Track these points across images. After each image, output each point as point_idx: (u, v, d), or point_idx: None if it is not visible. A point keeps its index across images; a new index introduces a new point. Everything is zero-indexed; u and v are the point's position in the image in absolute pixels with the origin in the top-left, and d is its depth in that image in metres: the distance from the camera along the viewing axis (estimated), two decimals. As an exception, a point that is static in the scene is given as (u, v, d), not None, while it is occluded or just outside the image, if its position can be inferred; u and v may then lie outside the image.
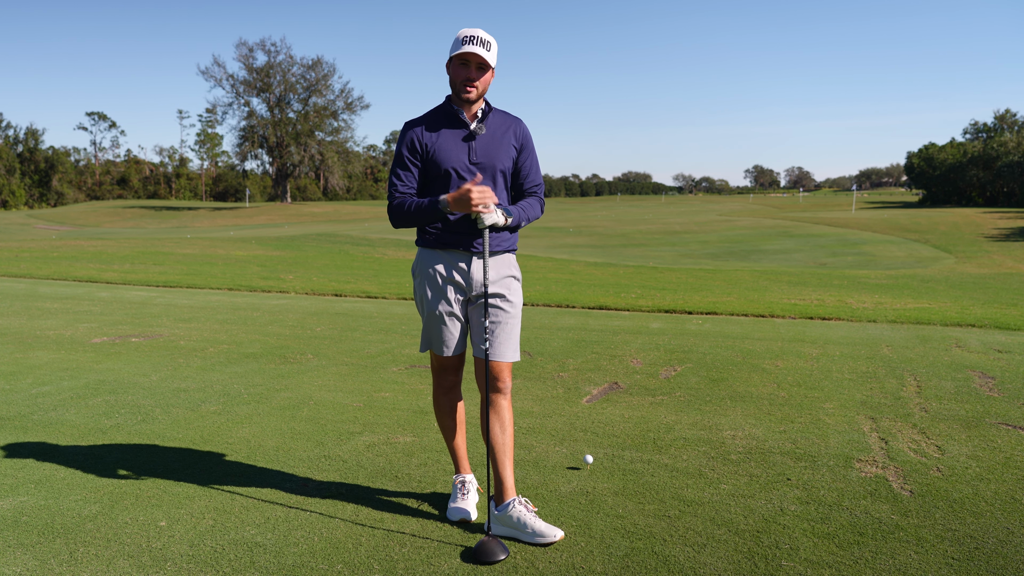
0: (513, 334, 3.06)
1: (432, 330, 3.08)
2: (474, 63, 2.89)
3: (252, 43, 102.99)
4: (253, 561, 2.75)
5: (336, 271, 19.52)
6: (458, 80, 2.92)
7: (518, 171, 3.11)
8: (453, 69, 2.94)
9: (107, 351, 6.73)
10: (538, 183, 3.17)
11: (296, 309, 9.68)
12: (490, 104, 3.05)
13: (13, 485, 3.48)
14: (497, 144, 3.01)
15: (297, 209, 77.95)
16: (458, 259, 3.02)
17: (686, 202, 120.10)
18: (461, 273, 3.02)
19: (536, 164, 3.16)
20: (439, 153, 2.96)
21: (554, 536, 2.88)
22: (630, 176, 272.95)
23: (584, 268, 24.36)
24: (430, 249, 3.06)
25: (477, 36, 2.88)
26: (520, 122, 3.11)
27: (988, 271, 26.43)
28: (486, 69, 2.92)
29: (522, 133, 3.09)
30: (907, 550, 2.81)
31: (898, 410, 4.71)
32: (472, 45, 2.86)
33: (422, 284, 3.08)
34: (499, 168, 3.02)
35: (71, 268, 16.73)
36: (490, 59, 2.90)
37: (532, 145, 3.14)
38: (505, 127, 3.05)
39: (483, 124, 3.00)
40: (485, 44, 2.88)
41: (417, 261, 3.12)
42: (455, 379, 3.23)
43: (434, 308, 3.04)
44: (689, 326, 8.17)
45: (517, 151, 3.07)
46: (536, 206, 3.13)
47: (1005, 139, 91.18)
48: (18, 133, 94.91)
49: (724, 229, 50.60)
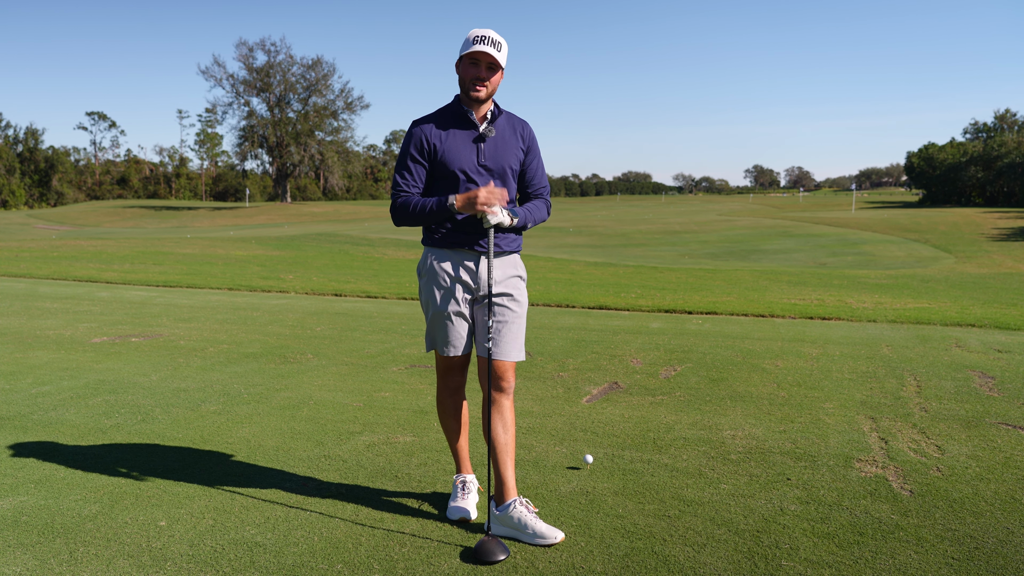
0: (518, 334, 3.06)
1: (437, 330, 3.07)
2: (484, 63, 2.89)
3: (252, 43, 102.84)
4: (253, 561, 2.75)
5: (336, 271, 19.52)
6: (468, 79, 2.91)
7: (524, 173, 3.12)
8: (463, 68, 2.93)
9: (107, 351, 6.73)
10: (544, 185, 3.18)
11: (296, 309, 9.68)
12: (499, 106, 3.05)
13: (13, 485, 3.48)
14: (505, 146, 3.02)
15: (297, 209, 77.97)
16: (465, 258, 3.01)
17: (686, 202, 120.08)
18: (468, 273, 3.01)
19: (542, 167, 3.18)
20: (448, 154, 2.95)
21: (555, 538, 2.88)
22: (630, 176, 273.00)
23: (584, 268, 24.36)
24: (437, 248, 3.04)
25: (488, 36, 2.87)
26: (527, 125, 3.12)
27: (988, 271, 26.43)
28: (496, 69, 2.91)
29: (528, 136, 3.10)
30: (907, 550, 2.81)
31: (898, 410, 4.71)
32: (483, 45, 2.85)
33: (428, 284, 3.07)
34: (507, 169, 3.02)
35: (71, 268, 16.73)
36: (500, 59, 2.89)
37: (538, 148, 3.15)
38: (513, 129, 3.06)
39: (492, 126, 3.00)
40: (496, 45, 2.88)
41: (423, 261, 3.10)
42: (460, 380, 3.21)
43: (440, 308, 3.03)
44: (689, 326, 8.17)
45: (524, 153, 3.08)
46: (542, 208, 3.14)
47: (1005, 139, 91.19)
48: (18, 133, 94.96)
49: (724, 229, 50.61)
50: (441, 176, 2.98)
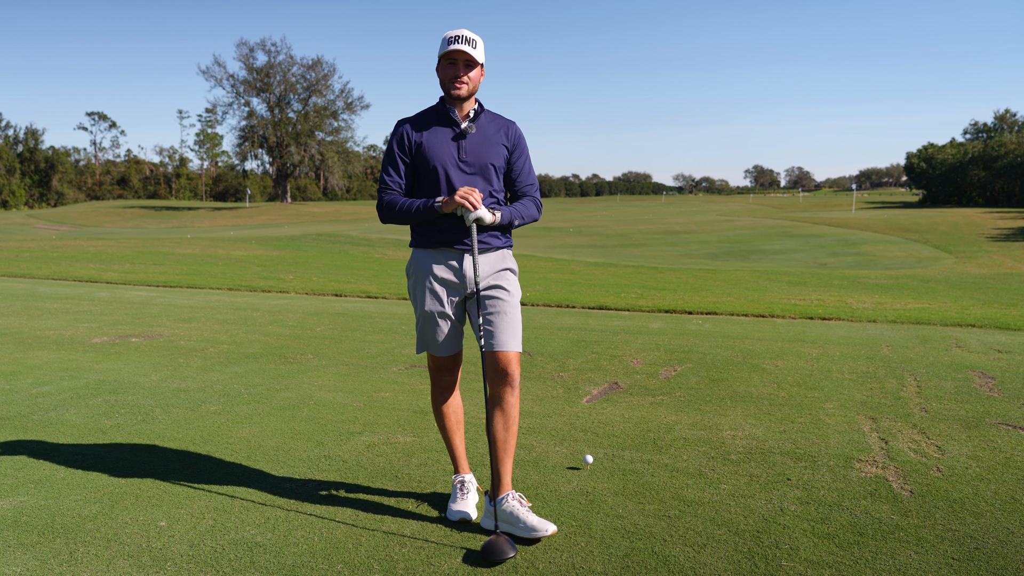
0: (513, 323, 3.06)
1: (426, 330, 3.12)
2: (461, 60, 2.96)
3: (252, 43, 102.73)
4: (253, 561, 2.75)
5: (336, 271, 19.52)
6: (447, 78, 2.99)
7: (510, 171, 3.15)
8: (442, 69, 3.01)
9: (107, 351, 6.73)
10: (531, 183, 3.20)
11: (296, 309, 9.68)
12: (482, 106, 3.12)
13: (13, 485, 3.48)
14: (487, 143, 3.06)
15: (297, 209, 77.97)
16: (449, 257, 3.05)
17: (686, 202, 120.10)
18: (454, 271, 3.05)
19: (529, 165, 3.20)
20: (428, 149, 3.02)
21: (546, 530, 2.88)
22: (630, 176, 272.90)
23: (584, 268, 24.35)
24: (422, 249, 3.10)
25: (462, 35, 2.95)
26: (513, 124, 3.16)
27: (988, 271, 26.43)
28: (474, 66, 2.99)
29: (514, 134, 3.14)
30: (907, 550, 2.81)
31: (898, 410, 4.71)
32: (457, 44, 2.93)
33: (415, 285, 3.12)
34: (489, 165, 3.05)
35: (71, 268, 16.73)
36: (477, 56, 2.96)
37: (525, 146, 3.18)
38: (496, 128, 3.11)
39: (474, 124, 3.06)
40: (471, 42, 2.95)
41: (411, 262, 3.16)
42: (451, 379, 3.25)
43: (427, 307, 3.08)
44: (689, 326, 8.17)
45: (509, 151, 3.12)
46: (531, 206, 3.16)
47: (1005, 139, 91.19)
48: (18, 133, 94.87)
49: (724, 229, 50.60)
50: (423, 172, 3.05)
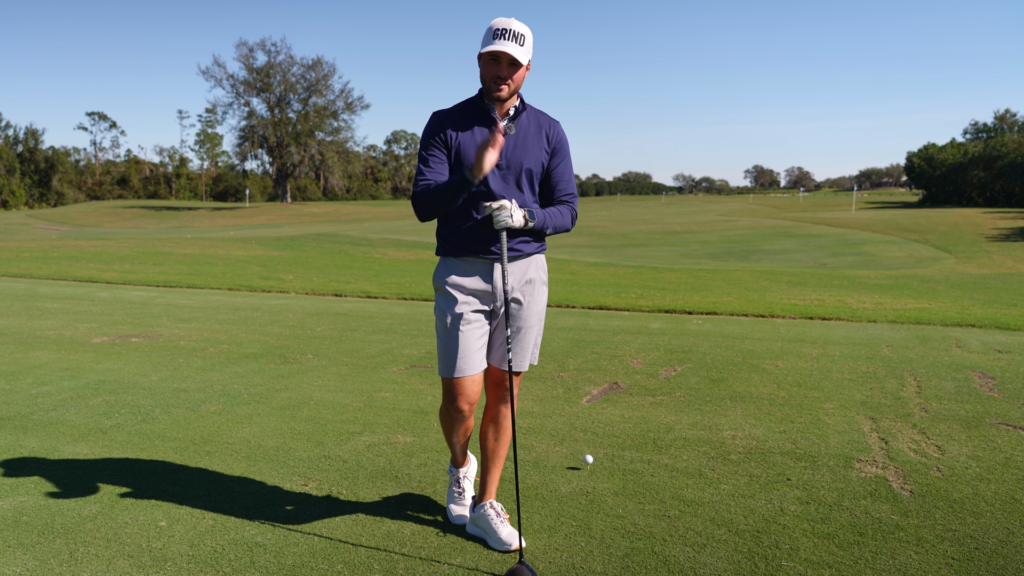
0: (530, 343, 2.94)
1: (450, 342, 2.84)
2: (505, 60, 2.69)
3: (252, 43, 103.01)
4: (253, 561, 2.75)
5: (336, 271, 19.52)
6: (488, 77, 2.73)
7: (549, 176, 2.91)
8: (483, 65, 2.73)
9: (107, 351, 6.73)
10: (571, 192, 2.95)
11: (296, 309, 9.68)
12: (524, 102, 2.86)
13: (13, 485, 3.48)
14: (526, 145, 2.82)
15: (297, 209, 77.98)
16: (478, 267, 2.84)
17: (686, 202, 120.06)
18: (482, 282, 2.84)
19: (570, 171, 2.95)
20: (465, 149, 2.78)
21: (512, 545, 2.81)
22: (630, 176, 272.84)
23: (584, 268, 24.35)
24: (449, 258, 2.88)
25: (509, 29, 2.67)
26: (556, 124, 2.92)
27: (988, 271, 26.43)
28: (518, 66, 2.71)
29: (556, 136, 2.90)
30: (907, 550, 2.81)
31: (898, 410, 4.71)
32: (503, 41, 2.65)
33: (443, 297, 2.89)
34: (525, 169, 2.82)
35: (71, 268, 16.73)
36: (522, 57, 2.68)
37: (567, 150, 2.94)
38: (538, 128, 2.87)
39: (513, 123, 2.81)
40: (518, 38, 2.67)
41: (437, 272, 2.92)
42: (471, 407, 2.93)
43: (454, 320, 2.83)
44: (689, 326, 8.17)
45: (549, 155, 2.88)
46: (566, 215, 2.91)
47: (1005, 139, 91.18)
48: (18, 133, 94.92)
49: (724, 229, 50.60)
50: (455, 171, 2.81)
